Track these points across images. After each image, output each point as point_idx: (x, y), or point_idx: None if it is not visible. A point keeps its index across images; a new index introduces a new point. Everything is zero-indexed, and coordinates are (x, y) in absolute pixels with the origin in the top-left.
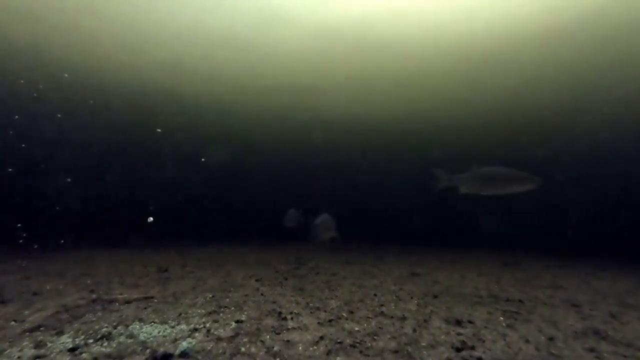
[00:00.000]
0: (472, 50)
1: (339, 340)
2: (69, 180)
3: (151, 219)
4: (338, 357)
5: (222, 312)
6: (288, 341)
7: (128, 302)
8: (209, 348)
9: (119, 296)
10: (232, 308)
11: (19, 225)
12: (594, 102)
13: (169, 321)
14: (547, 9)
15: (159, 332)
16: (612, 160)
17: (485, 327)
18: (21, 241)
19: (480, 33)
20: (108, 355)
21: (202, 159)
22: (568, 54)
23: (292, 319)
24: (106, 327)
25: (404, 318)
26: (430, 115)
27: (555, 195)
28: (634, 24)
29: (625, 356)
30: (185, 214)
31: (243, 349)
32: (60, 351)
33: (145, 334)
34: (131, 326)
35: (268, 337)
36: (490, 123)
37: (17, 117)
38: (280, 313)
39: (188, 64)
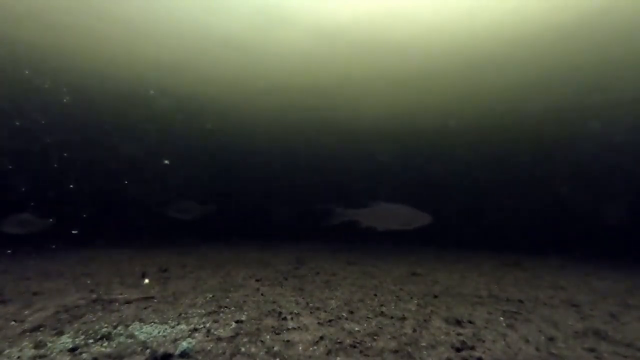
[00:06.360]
0: None
1: (339, 341)
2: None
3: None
4: (338, 357)
5: (222, 312)
6: (288, 341)
7: (128, 302)
8: (209, 348)
9: (119, 296)
10: (232, 308)
11: None
12: None
13: (169, 321)
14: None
15: (159, 332)
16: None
17: (485, 327)
18: None
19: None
20: (108, 356)
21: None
22: None
23: (292, 319)
24: (106, 327)
25: (404, 318)
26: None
27: None
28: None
29: (625, 356)
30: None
31: (243, 349)
32: (60, 351)
33: (145, 334)
34: (131, 326)
35: (268, 337)
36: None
37: None
38: (280, 313)
39: (188, 64)
